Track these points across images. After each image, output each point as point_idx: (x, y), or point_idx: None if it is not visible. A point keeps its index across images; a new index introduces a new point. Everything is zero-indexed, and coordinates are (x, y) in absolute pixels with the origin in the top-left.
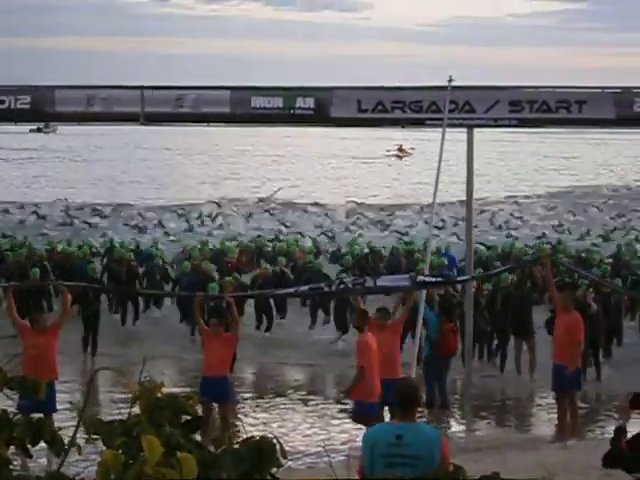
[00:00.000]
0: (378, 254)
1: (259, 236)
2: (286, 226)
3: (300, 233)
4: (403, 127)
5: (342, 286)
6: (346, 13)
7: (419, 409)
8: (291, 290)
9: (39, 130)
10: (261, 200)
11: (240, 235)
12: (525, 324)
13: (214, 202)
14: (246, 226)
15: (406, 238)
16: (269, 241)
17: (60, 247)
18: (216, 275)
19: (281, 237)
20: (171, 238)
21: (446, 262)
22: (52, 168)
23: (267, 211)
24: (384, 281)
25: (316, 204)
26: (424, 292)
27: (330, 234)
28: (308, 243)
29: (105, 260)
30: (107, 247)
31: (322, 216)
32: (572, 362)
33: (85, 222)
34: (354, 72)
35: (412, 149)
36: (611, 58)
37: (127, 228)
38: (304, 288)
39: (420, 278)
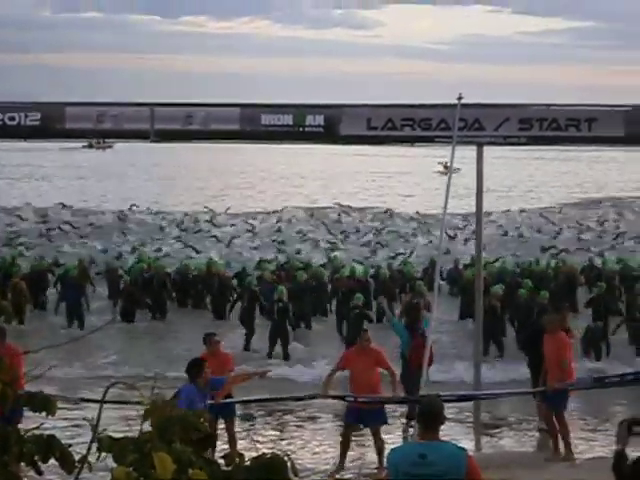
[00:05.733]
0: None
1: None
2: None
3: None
4: (412, 145)
5: None
6: (357, 31)
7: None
8: None
9: (90, 146)
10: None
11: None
12: None
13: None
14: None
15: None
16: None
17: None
18: None
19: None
20: None
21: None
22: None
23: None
24: None
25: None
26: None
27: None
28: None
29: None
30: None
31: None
32: (559, 382)
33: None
34: (364, 90)
35: (458, 169)
36: (621, 76)
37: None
38: None
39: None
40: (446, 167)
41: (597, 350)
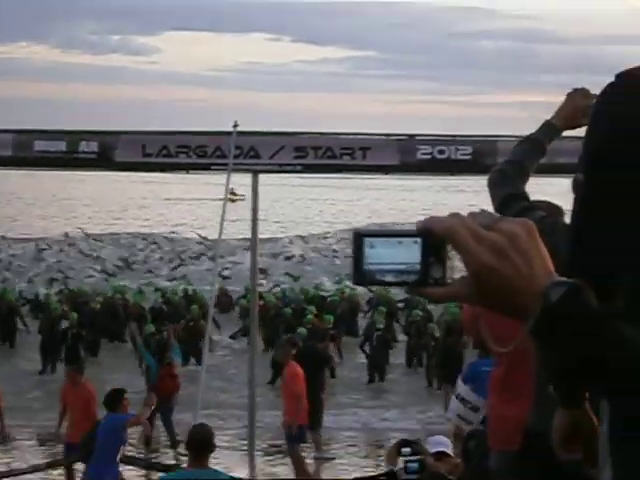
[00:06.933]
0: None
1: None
2: None
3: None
4: (188, 172)
5: None
6: (134, 57)
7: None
8: None
9: None
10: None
11: None
12: None
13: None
14: None
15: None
16: None
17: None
18: None
19: None
20: None
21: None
22: None
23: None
24: None
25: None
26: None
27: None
28: None
29: None
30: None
31: None
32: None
33: None
34: (141, 116)
35: (242, 196)
36: (397, 105)
37: None
38: None
39: None
40: (234, 194)
41: (380, 371)
